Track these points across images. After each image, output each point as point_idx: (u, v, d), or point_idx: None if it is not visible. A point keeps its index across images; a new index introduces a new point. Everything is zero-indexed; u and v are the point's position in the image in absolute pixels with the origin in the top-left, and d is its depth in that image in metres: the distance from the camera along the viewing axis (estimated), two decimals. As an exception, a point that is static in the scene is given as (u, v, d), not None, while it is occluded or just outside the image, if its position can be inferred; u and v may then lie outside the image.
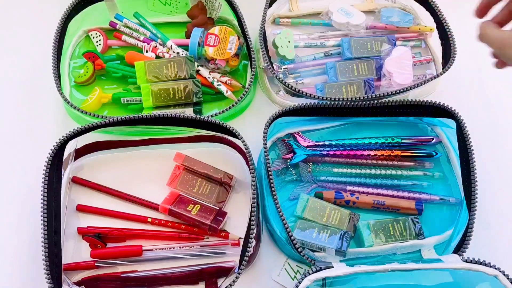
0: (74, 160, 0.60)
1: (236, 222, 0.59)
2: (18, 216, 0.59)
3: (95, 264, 0.55)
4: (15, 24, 0.72)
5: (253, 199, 0.52)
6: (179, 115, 0.58)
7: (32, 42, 0.70)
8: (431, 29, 0.71)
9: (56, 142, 0.56)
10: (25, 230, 0.58)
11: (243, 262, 0.50)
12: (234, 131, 0.57)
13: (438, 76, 0.64)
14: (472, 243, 0.54)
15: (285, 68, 0.68)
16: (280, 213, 0.53)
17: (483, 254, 0.52)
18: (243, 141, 0.56)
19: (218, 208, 0.58)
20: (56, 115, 0.65)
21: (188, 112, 0.63)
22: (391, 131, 0.65)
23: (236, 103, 0.62)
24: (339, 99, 0.61)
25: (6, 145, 0.63)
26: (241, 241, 0.56)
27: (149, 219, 0.58)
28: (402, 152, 0.62)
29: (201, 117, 0.58)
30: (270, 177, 0.54)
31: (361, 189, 0.61)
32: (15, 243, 0.57)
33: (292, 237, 0.52)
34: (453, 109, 0.60)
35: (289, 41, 0.68)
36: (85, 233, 0.56)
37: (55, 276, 0.51)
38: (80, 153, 0.61)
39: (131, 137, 0.62)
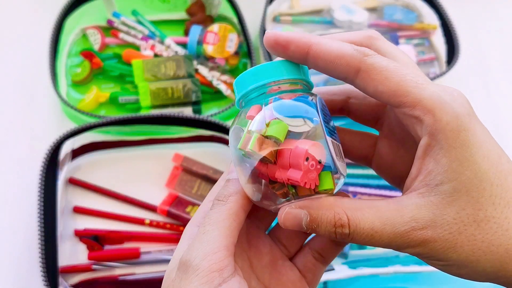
0: (71, 161, 0.59)
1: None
2: (14, 218, 0.58)
3: (92, 266, 0.54)
4: (11, 22, 0.71)
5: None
6: (178, 114, 0.58)
7: (28, 40, 0.69)
8: (434, 27, 0.70)
9: (52, 142, 0.55)
10: (21, 232, 0.57)
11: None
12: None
13: (441, 75, 0.63)
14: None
15: (286, 66, 0.67)
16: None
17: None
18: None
19: (217, 210, 0.57)
20: (52, 114, 0.64)
21: (187, 111, 0.62)
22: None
23: (236, 102, 0.61)
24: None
25: (1, 146, 0.62)
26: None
27: (147, 221, 0.57)
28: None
29: (200, 116, 0.58)
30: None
31: (363, 190, 0.60)
32: (10, 246, 0.56)
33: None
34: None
35: (290, 39, 0.67)
36: (82, 235, 0.55)
37: (52, 278, 0.50)
38: (77, 153, 0.60)
39: (129, 137, 0.61)
